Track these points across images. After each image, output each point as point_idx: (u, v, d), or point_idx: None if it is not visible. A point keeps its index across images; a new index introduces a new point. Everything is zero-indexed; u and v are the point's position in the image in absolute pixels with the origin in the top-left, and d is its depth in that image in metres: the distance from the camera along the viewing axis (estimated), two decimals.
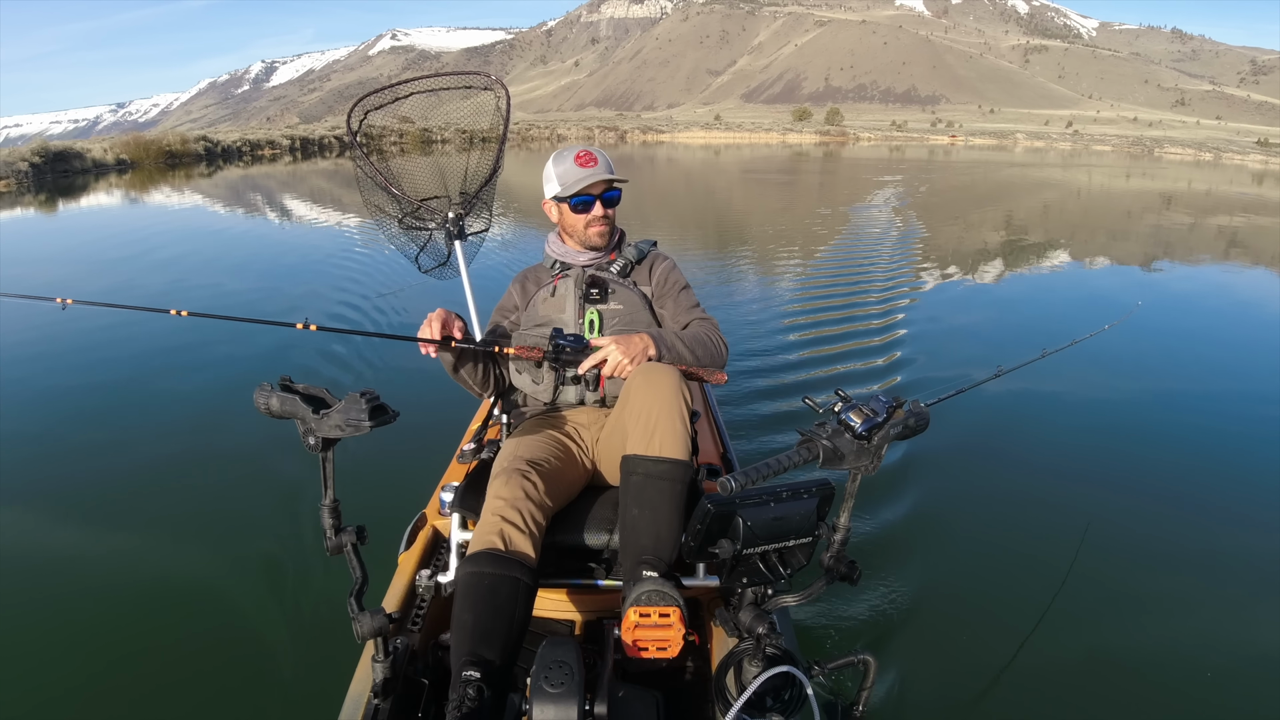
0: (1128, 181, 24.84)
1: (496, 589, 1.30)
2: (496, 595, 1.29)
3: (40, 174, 20.22)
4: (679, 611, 1.26)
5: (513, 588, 1.30)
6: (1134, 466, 3.32)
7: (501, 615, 1.28)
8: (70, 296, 1.74)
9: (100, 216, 13.05)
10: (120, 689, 1.92)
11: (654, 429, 1.42)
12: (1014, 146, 67.00)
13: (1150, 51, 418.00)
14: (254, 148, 30.86)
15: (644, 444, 1.42)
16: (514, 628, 1.29)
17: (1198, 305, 6.90)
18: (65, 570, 2.43)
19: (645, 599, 1.27)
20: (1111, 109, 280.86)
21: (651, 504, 1.39)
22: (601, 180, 1.74)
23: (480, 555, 1.33)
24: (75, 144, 24.00)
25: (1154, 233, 11.77)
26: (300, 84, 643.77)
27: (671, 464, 1.40)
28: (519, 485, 1.43)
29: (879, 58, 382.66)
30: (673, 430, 1.42)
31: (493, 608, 1.28)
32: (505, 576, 1.31)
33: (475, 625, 1.26)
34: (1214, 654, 2.12)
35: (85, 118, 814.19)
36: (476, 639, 1.24)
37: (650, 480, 1.40)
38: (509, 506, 1.40)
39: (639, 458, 1.41)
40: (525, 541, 1.37)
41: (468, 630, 1.26)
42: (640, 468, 1.41)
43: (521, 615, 1.31)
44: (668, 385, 1.45)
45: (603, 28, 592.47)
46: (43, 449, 3.34)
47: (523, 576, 1.32)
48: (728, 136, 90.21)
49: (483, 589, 1.29)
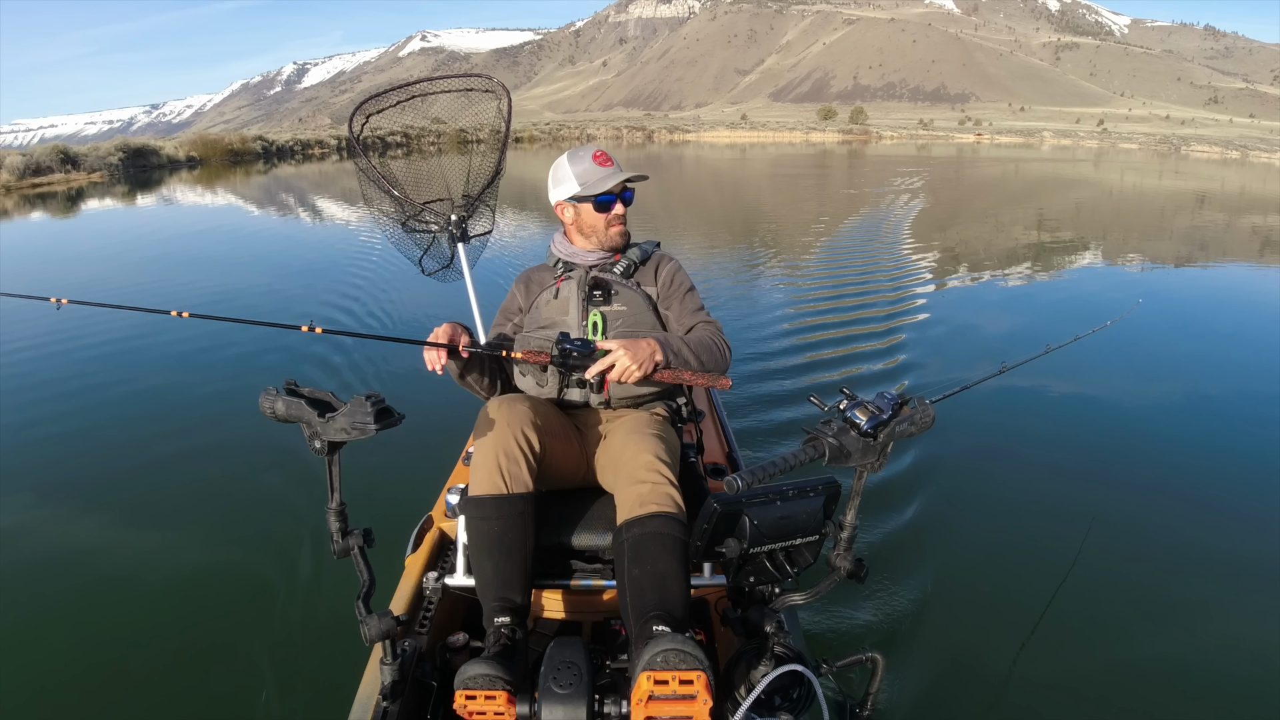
0: (1160, 181, 24.59)
1: (506, 534, 1.38)
2: (507, 539, 1.38)
3: (126, 167, 23.00)
4: (705, 677, 1.07)
5: (521, 527, 1.39)
6: (1139, 462, 3.31)
7: (515, 558, 1.38)
8: (69, 296, 1.73)
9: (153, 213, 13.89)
10: (127, 689, 1.93)
11: (644, 497, 1.39)
12: (1040, 145, 66.78)
13: (1183, 49, 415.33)
14: (305, 147, 33.33)
15: (634, 508, 1.39)
16: (528, 560, 1.40)
17: (1202, 302, 6.88)
18: (72, 571, 2.44)
19: (661, 661, 1.08)
20: (1144, 107, 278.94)
21: (651, 558, 1.33)
22: (621, 180, 1.74)
23: (484, 501, 1.40)
24: (151, 141, 26.84)
25: (1189, 233, 11.62)
26: (332, 85, 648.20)
27: (663, 518, 1.36)
28: (511, 409, 1.48)
29: (908, 56, 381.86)
30: (659, 489, 1.39)
31: (506, 552, 1.38)
32: (512, 516, 1.39)
33: (496, 573, 1.37)
34: (1222, 653, 2.12)
35: (120, 118, 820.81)
36: (501, 584, 1.36)
37: (646, 537, 1.35)
38: (503, 433, 1.44)
39: (629, 521, 1.37)
40: (523, 472, 1.43)
41: (490, 579, 1.38)
42: (633, 529, 1.37)
43: (532, 545, 1.41)
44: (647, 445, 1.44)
45: (630, 28, 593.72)
46: (43, 450, 3.35)
47: (527, 510, 1.41)
48: (752, 135, 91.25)
49: (494, 536, 1.38)
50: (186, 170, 24.31)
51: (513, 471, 1.42)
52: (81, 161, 22.10)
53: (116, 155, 23.23)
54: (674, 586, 1.31)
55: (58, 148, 21.95)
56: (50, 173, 20.57)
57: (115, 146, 23.93)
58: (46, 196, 16.84)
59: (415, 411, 1.30)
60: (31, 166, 20.04)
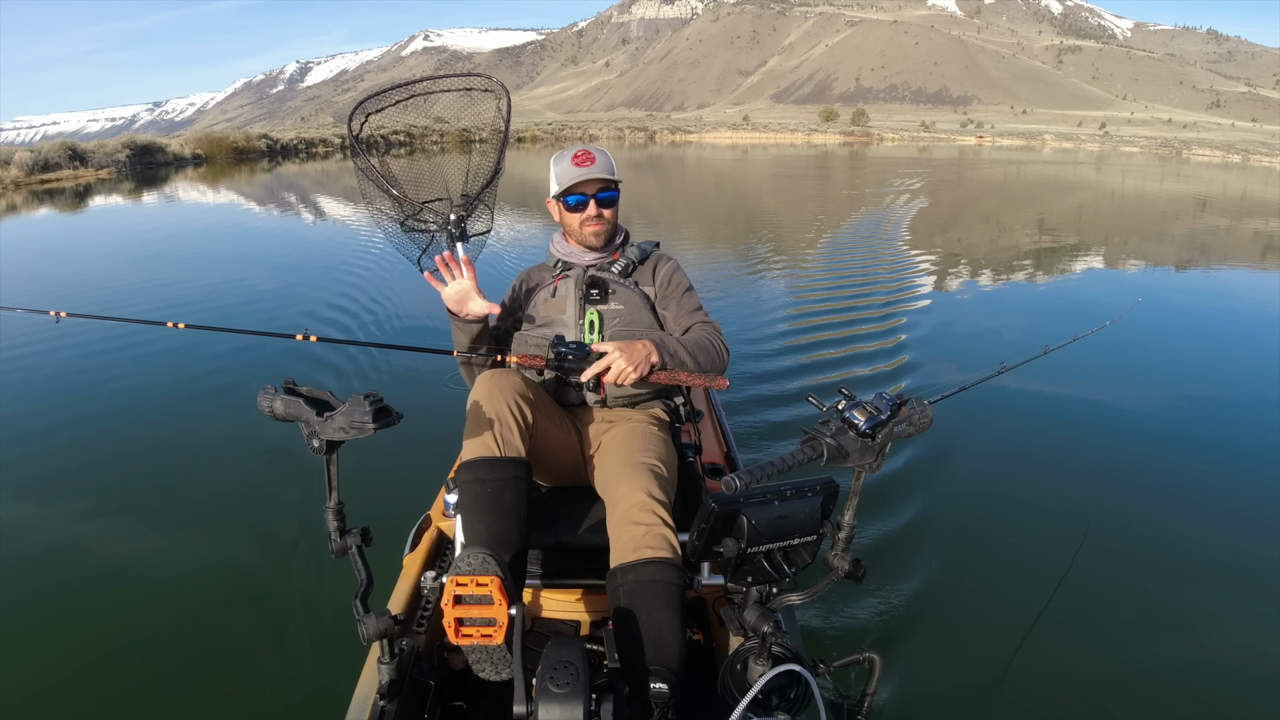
0: (1161, 184, 24.61)
1: (500, 494, 1.39)
2: (501, 500, 1.39)
3: (133, 164, 23.44)
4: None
5: (514, 489, 1.41)
6: (1136, 463, 3.31)
7: (509, 518, 1.39)
8: (70, 300, 1.74)
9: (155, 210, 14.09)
10: (124, 689, 1.93)
11: (638, 541, 1.35)
12: (1042, 148, 66.83)
13: (1185, 52, 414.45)
14: (309, 145, 33.63)
15: (628, 552, 1.36)
16: (523, 524, 1.41)
17: (1201, 304, 6.90)
18: (71, 572, 2.44)
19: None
20: (1146, 110, 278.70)
21: (646, 609, 1.29)
22: (596, 179, 1.74)
23: (478, 463, 1.42)
24: (157, 139, 27.27)
25: (1190, 236, 11.62)
26: (334, 84, 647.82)
27: (658, 564, 1.32)
28: (503, 378, 1.49)
29: (910, 58, 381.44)
30: (653, 531, 1.36)
31: (500, 513, 1.39)
32: (505, 479, 1.40)
33: (489, 533, 1.37)
34: (1220, 656, 2.12)
35: (122, 116, 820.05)
36: (493, 543, 1.36)
37: (641, 585, 1.31)
38: (495, 400, 1.45)
39: (624, 567, 1.34)
40: (515, 437, 1.44)
41: (482, 537, 1.38)
42: (628, 576, 1.33)
43: (525, 508, 1.42)
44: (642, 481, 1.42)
45: (633, 28, 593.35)
46: (43, 449, 3.35)
47: (520, 474, 1.42)
48: (753, 136, 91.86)
49: (487, 497, 1.39)
50: (192, 168, 24.67)
51: (505, 436, 1.43)
52: (89, 158, 22.54)
53: (124, 152, 23.67)
54: (669, 638, 1.28)
55: (66, 144, 22.32)
56: (59, 169, 21.00)
57: (122, 144, 24.34)
58: (55, 192, 17.18)
59: (413, 411, 1.29)
60: (40, 162, 20.45)
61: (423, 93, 2.16)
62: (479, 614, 1.18)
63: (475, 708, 1.47)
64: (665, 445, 1.58)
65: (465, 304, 1.61)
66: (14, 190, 17.36)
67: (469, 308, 1.61)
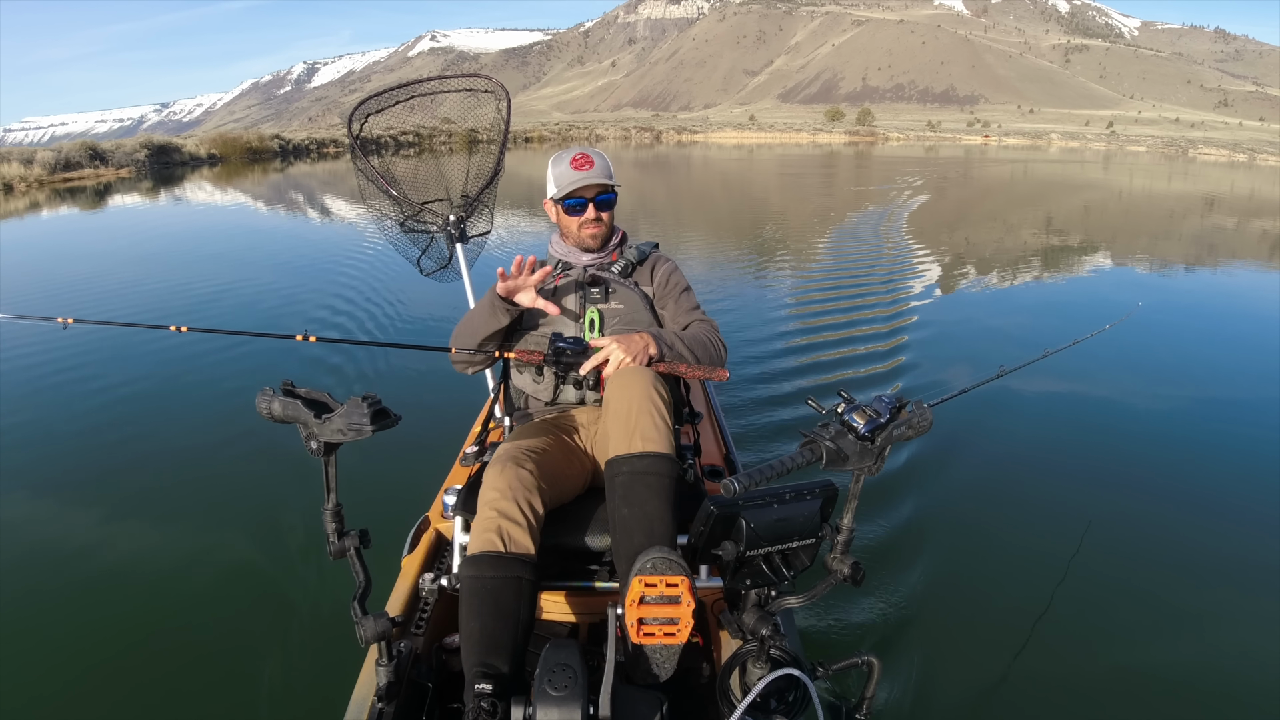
0: (1169, 184, 24.52)
1: (500, 593, 1.31)
2: (500, 600, 1.30)
3: (152, 164, 24.02)
4: (688, 582, 1.19)
5: (515, 589, 1.32)
6: (1136, 466, 3.31)
7: (507, 620, 1.30)
8: (75, 312, 1.74)
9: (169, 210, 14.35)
10: (122, 690, 1.93)
11: (633, 428, 1.41)
12: (1048, 147, 66.71)
13: (1193, 51, 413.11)
14: (319, 145, 33.96)
15: (625, 444, 1.41)
16: (520, 630, 1.31)
17: (1203, 305, 6.90)
18: (70, 573, 2.44)
19: (650, 567, 1.20)
20: (1153, 109, 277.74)
21: (640, 500, 1.37)
22: (595, 184, 1.74)
23: (481, 558, 1.34)
24: (173, 139, 28.10)
25: (1198, 236, 11.58)
26: (341, 85, 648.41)
27: (654, 458, 1.39)
28: (515, 474, 1.43)
29: (917, 57, 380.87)
30: (652, 425, 1.42)
31: (497, 613, 1.29)
32: (508, 579, 1.32)
33: (483, 634, 1.28)
34: (1221, 658, 2.12)
35: (130, 117, 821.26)
36: (485, 648, 1.27)
37: (636, 477, 1.38)
38: (505, 498, 1.39)
39: (621, 457, 1.40)
40: (524, 535, 1.37)
41: (475, 640, 1.28)
42: (624, 466, 1.39)
43: (526, 615, 1.33)
44: (641, 383, 1.46)
45: (640, 28, 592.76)
46: (44, 448, 3.36)
47: (525, 574, 1.34)
48: (759, 136, 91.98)
49: (487, 595, 1.31)
50: (207, 167, 25.07)
51: (513, 534, 1.36)
52: (109, 158, 23.05)
53: (142, 152, 24.20)
54: (660, 529, 1.36)
55: (86, 144, 22.97)
56: (80, 168, 21.52)
57: (140, 143, 24.94)
58: (76, 190, 17.57)
59: (412, 412, 1.29)
60: (61, 162, 20.97)
61: (423, 93, 2.16)
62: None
63: None
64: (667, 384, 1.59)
65: (517, 293, 1.63)
66: (37, 188, 17.85)
67: (519, 297, 1.64)
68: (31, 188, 17.97)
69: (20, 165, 18.98)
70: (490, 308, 1.65)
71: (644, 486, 1.38)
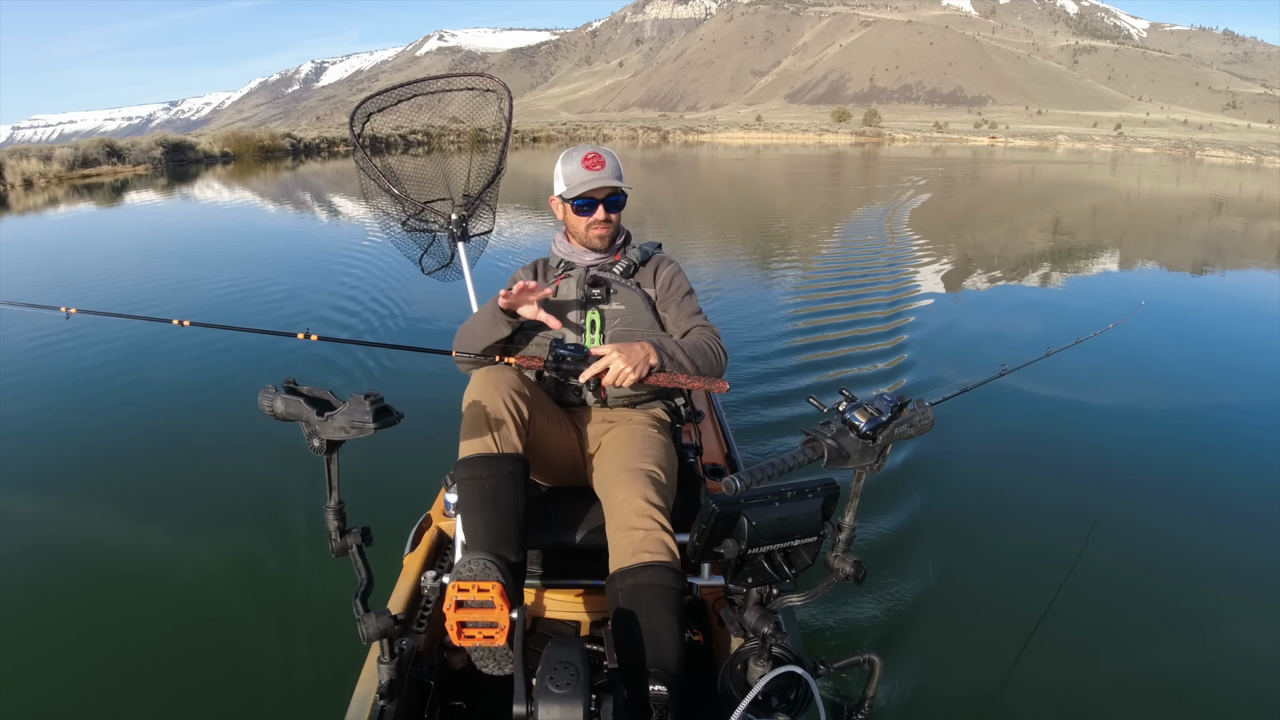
0: (1177, 186, 24.38)
1: (497, 491, 1.40)
2: (499, 497, 1.40)
3: (168, 161, 24.66)
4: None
5: (512, 485, 1.41)
6: (1139, 466, 3.30)
7: (508, 514, 1.40)
8: (77, 306, 1.74)
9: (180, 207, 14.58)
10: (124, 688, 1.93)
11: (636, 545, 1.36)
12: (1055, 148, 66.43)
13: (1201, 53, 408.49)
14: (330, 144, 34.40)
15: (626, 557, 1.36)
16: (521, 520, 1.41)
17: (1206, 306, 6.88)
18: (70, 571, 2.45)
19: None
20: (1162, 111, 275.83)
21: (645, 611, 1.30)
22: (606, 186, 1.73)
23: (475, 460, 1.43)
24: (187, 137, 28.71)
25: (1205, 238, 11.52)
26: (349, 84, 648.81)
27: (656, 568, 1.33)
28: (499, 374, 1.50)
29: (925, 58, 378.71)
30: (651, 535, 1.37)
31: (498, 509, 1.39)
32: (503, 475, 1.41)
33: (488, 529, 1.38)
34: (1219, 658, 2.11)
35: (139, 115, 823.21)
36: (493, 540, 1.36)
37: (640, 589, 1.32)
38: (492, 396, 1.46)
39: (622, 571, 1.35)
40: (512, 433, 1.45)
41: (481, 534, 1.38)
42: (626, 580, 1.34)
43: (524, 506, 1.43)
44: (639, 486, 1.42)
45: (647, 28, 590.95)
46: (45, 446, 3.37)
47: (517, 469, 1.43)
48: (765, 137, 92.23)
49: (485, 494, 1.40)
50: (221, 165, 25.51)
51: (501, 434, 1.44)
52: (126, 155, 23.64)
53: (158, 149, 24.85)
54: (668, 641, 1.29)
55: (104, 141, 23.57)
56: (97, 164, 22.09)
57: (155, 141, 25.56)
58: (94, 187, 17.98)
59: (414, 410, 1.30)
60: (79, 159, 21.53)
61: (424, 93, 2.16)
62: (481, 617, 1.21)
63: (475, 708, 1.47)
64: (665, 448, 1.58)
65: (518, 306, 1.61)
66: (56, 184, 18.34)
67: (521, 310, 1.62)
68: (51, 183, 18.42)
69: (39, 161, 19.39)
70: (492, 318, 1.64)
71: (648, 596, 1.31)
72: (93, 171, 21.35)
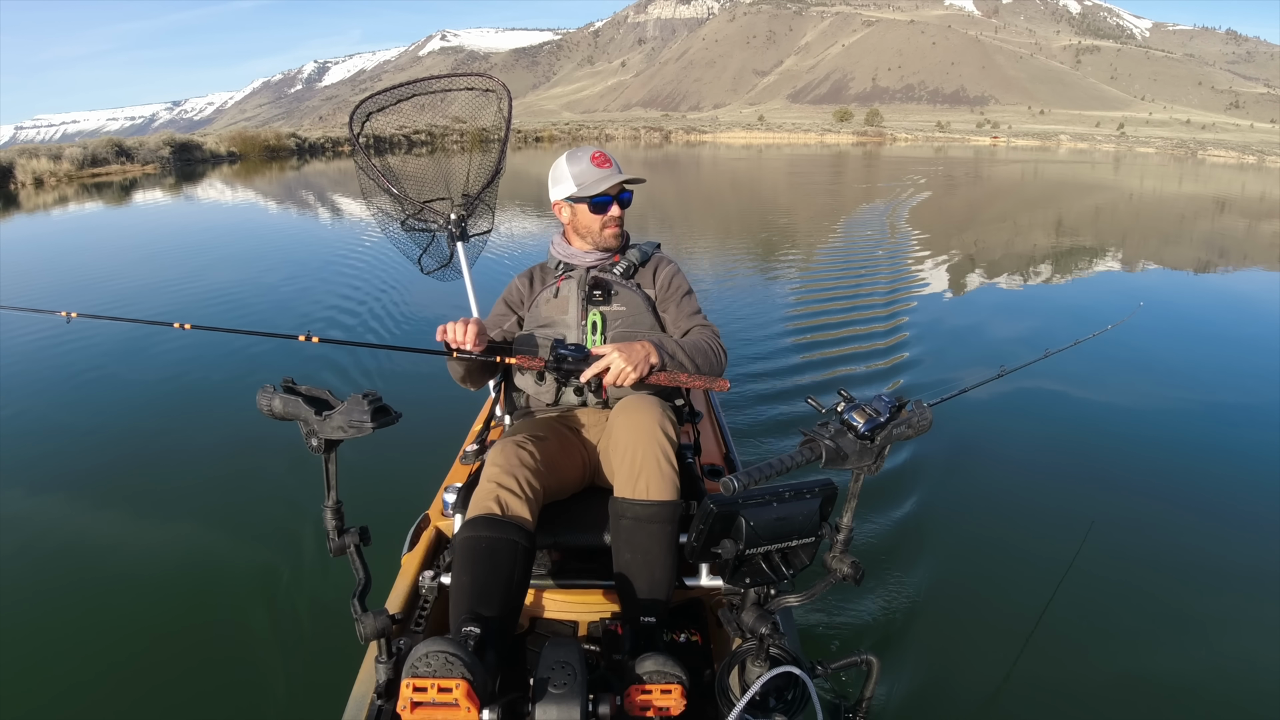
0: (1180, 186, 24.36)
1: (495, 550, 1.32)
2: (495, 556, 1.32)
3: (176, 160, 24.96)
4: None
5: (511, 550, 1.33)
6: (1137, 467, 3.30)
7: (499, 575, 1.30)
8: (79, 309, 1.74)
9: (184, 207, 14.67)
10: (121, 687, 1.93)
11: (639, 471, 1.41)
12: (1057, 148, 66.35)
13: (1204, 53, 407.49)
14: (334, 144, 34.60)
15: (630, 486, 1.42)
16: (512, 588, 1.32)
17: (1206, 307, 6.87)
18: (69, 569, 2.45)
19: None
20: (1164, 111, 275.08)
21: (643, 548, 1.40)
22: (619, 182, 1.74)
23: (477, 520, 1.37)
24: (194, 136, 28.98)
25: (1208, 238, 11.49)
26: (352, 84, 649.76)
27: (659, 506, 1.40)
28: (515, 453, 1.45)
29: (927, 58, 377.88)
30: (658, 471, 1.42)
31: (491, 568, 1.31)
32: (503, 539, 1.34)
33: (473, 585, 1.29)
34: (1219, 659, 2.11)
35: (141, 115, 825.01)
36: (475, 598, 1.27)
37: (640, 524, 1.40)
38: (505, 473, 1.42)
39: (627, 502, 1.42)
40: (522, 506, 1.40)
41: (466, 591, 1.29)
42: (629, 512, 1.41)
43: (520, 576, 1.33)
44: (650, 422, 1.45)
45: (649, 28, 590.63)
46: (45, 446, 3.37)
47: (520, 539, 1.35)
48: (767, 137, 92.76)
49: (480, 551, 1.32)
50: (227, 164, 25.75)
51: (510, 503, 1.39)
52: (134, 154, 23.93)
53: (166, 149, 25.15)
54: (660, 575, 1.40)
55: (112, 141, 23.83)
56: (106, 164, 22.34)
57: (163, 140, 25.88)
58: (103, 186, 18.17)
59: (412, 410, 1.29)
60: (88, 158, 21.80)
61: (423, 92, 2.16)
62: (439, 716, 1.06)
63: None
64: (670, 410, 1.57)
65: None
66: (66, 183, 18.52)
67: None
68: (61, 182, 18.58)
69: (49, 160, 19.55)
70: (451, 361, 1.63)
71: (646, 535, 1.40)
72: (102, 170, 21.57)
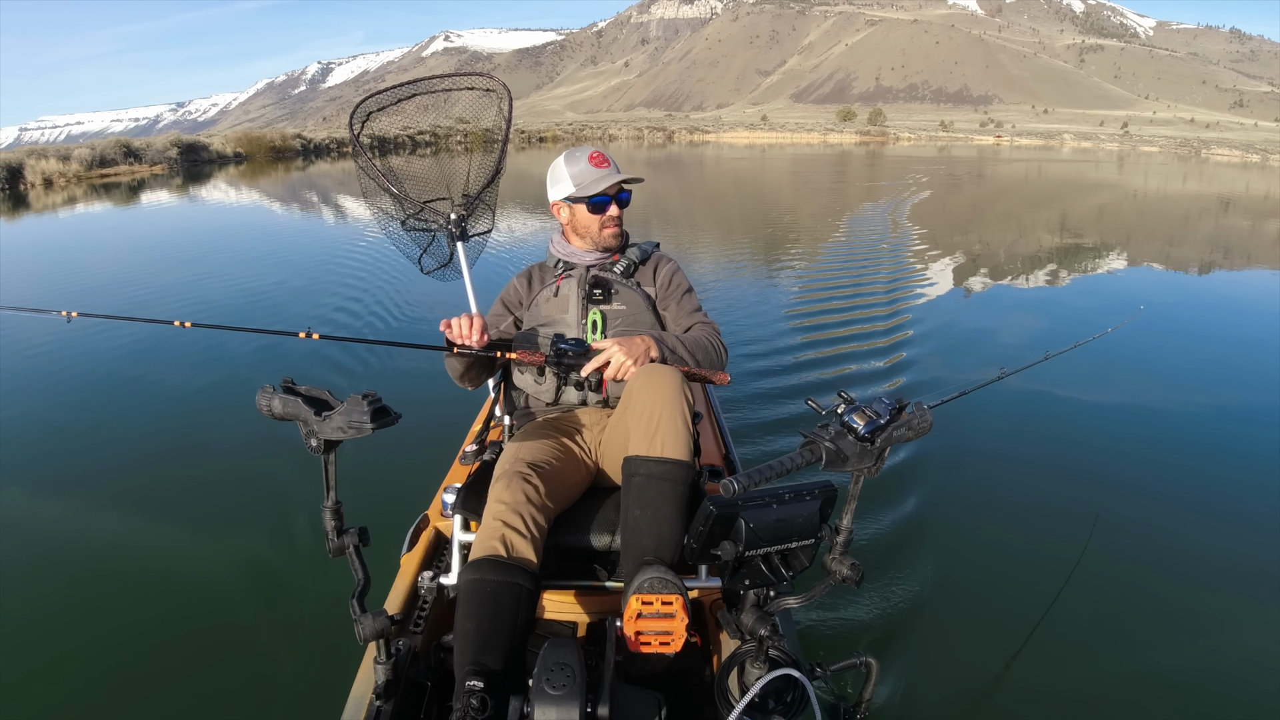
0: (1184, 185, 24.21)
1: (499, 596, 1.30)
2: (499, 602, 1.29)
3: (183, 161, 25.29)
4: (682, 600, 1.25)
5: (515, 594, 1.31)
6: (1138, 469, 3.29)
7: (504, 622, 1.28)
8: (80, 308, 1.74)
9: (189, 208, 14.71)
10: (121, 689, 1.93)
11: (656, 429, 1.41)
12: (1060, 147, 66.02)
13: (1208, 51, 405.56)
14: (339, 144, 34.80)
15: (646, 444, 1.41)
16: (516, 634, 1.30)
17: (1207, 309, 6.85)
18: (69, 571, 2.45)
19: (648, 586, 1.27)
20: (1168, 110, 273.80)
21: (653, 504, 1.39)
22: (617, 182, 1.73)
23: (482, 562, 1.33)
24: (200, 137, 29.33)
25: (1212, 238, 11.41)
26: (355, 85, 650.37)
27: (673, 464, 1.40)
28: (520, 489, 1.42)
29: (931, 57, 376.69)
30: (675, 430, 1.41)
31: (495, 615, 1.28)
32: (507, 583, 1.31)
33: (478, 633, 1.26)
34: (1220, 660, 2.10)
35: (146, 116, 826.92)
36: (479, 647, 1.25)
37: (652, 481, 1.40)
38: (510, 510, 1.39)
39: (641, 459, 1.41)
40: (527, 546, 1.36)
41: (470, 639, 1.26)
42: (642, 468, 1.41)
43: (524, 620, 1.32)
44: (670, 386, 1.44)
45: (653, 28, 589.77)
46: (45, 445, 3.38)
47: (525, 582, 1.33)
48: (770, 136, 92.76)
49: (485, 596, 1.29)
50: (234, 165, 26.02)
51: (516, 543, 1.36)
52: (142, 155, 24.28)
53: (173, 150, 25.44)
54: (668, 534, 1.39)
55: (120, 142, 24.17)
56: (115, 164, 22.66)
57: (171, 141, 26.17)
58: (111, 186, 18.34)
59: (412, 410, 1.29)
60: (97, 159, 22.10)
61: (423, 92, 2.16)
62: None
63: None
64: None
65: None
66: (75, 183, 18.75)
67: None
68: (70, 182, 18.76)
69: (58, 161, 19.73)
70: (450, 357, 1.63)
71: (658, 493, 1.39)
72: (110, 171, 21.82)
